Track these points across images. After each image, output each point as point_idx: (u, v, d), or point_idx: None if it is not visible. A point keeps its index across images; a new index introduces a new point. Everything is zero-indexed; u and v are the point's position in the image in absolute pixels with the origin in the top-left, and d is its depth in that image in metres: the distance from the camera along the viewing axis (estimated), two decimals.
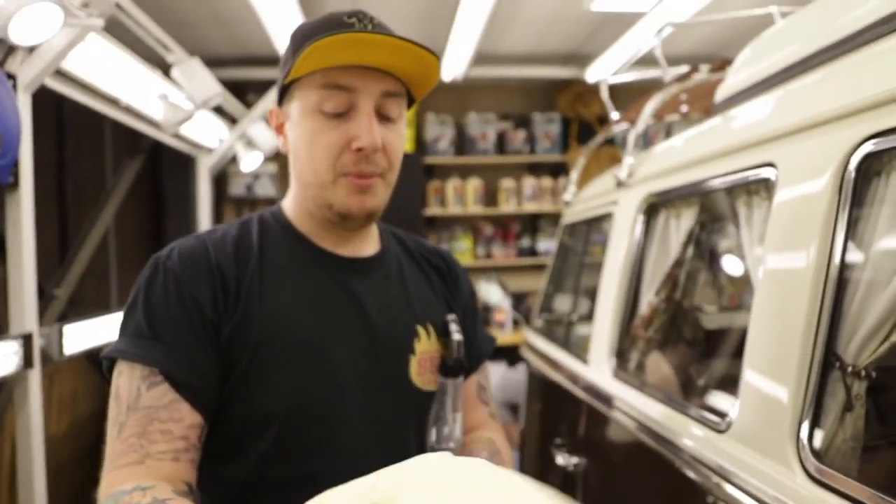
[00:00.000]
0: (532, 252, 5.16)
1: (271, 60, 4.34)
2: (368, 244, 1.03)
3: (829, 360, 0.91)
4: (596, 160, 5.01)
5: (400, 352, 0.98)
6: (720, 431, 1.11)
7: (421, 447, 1.00)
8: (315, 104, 0.90)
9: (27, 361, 2.20)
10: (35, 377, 2.26)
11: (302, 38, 0.90)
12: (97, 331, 2.71)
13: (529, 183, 5.09)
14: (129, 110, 3.07)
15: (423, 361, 1.00)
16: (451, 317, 1.05)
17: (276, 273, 0.94)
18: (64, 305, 3.11)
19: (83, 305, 3.38)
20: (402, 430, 0.98)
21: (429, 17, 3.85)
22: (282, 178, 4.94)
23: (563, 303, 2.60)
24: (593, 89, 5.01)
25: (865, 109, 0.90)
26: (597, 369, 1.77)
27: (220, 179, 4.72)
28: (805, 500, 0.86)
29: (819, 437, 0.90)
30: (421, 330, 1.01)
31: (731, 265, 1.61)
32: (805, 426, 0.90)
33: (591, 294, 2.07)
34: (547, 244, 5.14)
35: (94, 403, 3.32)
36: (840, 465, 0.87)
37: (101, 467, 0.84)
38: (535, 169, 5.21)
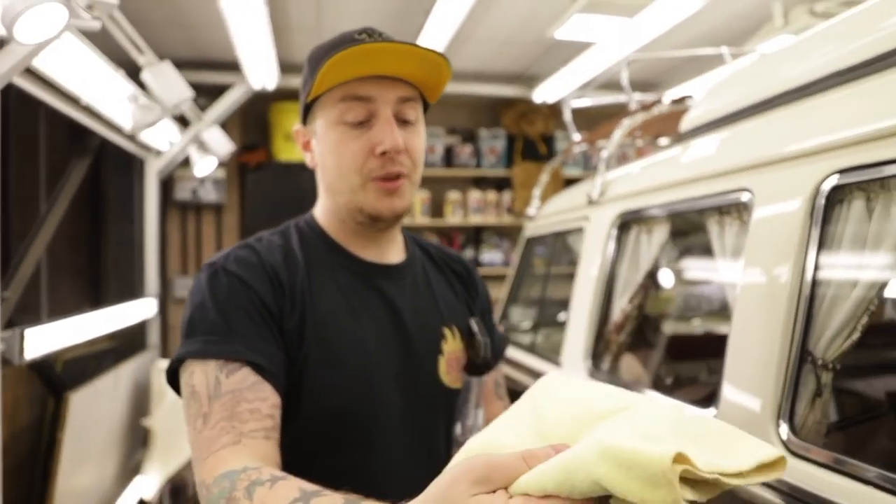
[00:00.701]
0: (476, 263, 5.32)
1: (227, 65, 4.33)
2: (396, 251, 1.10)
3: (803, 357, 1.09)
4: (538, 176, 5.26)
5: (430, 353, 1.06)
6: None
7: (448, 441, 1.08)
8: (337, 117, 0.97)
9: None
10: None
11: (317, 59, 0.97)
12: (59, 335, 2.65)
13: (475, 196, 5.27)
14: (87, 109, 3.03)
15: (450, 361, 1.08)
16: (474, 320, 1.14)
17: (321, 280, 1.00)
18: (12, 309, 3.00)
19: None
20: (433, 425, 1.06)
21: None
22: (228, 184, 4.90)
23: (526, 311, 2.76)
24: (537, 108, 5.26)
25: (833, 148, 1.09)
26: (571, 371, 1.93)
27: (166, 183, 4.63)
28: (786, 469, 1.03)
29: (795, 419, 1.07)
30: (447, 332, 1.09)
31: (699, 276, 1.80)
32: (784, 410, 1.07)
33: (559, 302, 2.23)
34: (490, 255, 5.33)
35: (33, 413, 3.18)
36: (812, 439, 1.05)
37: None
38: (481, 182, 5.40)
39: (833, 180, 1.09)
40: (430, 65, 0.95)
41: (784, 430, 1.07)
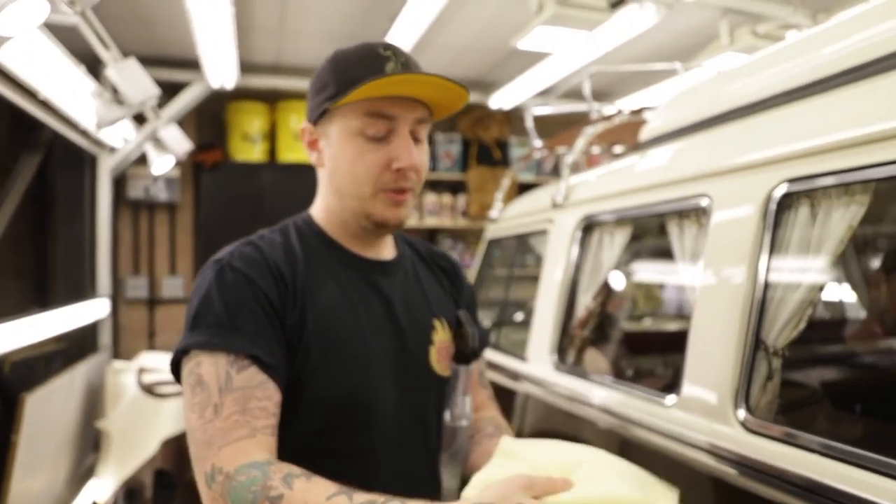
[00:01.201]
0: None
1: (184, 63, 4.29)
2: (388, 249, 1.17)
3: (757, 345, 1.22)
4: (493, 180, 5.40)
5: (422, 343, 1.13)
6: (666, 406, 1.40)
7: (439, 425, 1.16)
8: (358, 128, 1.02)
9: None
10: None
11: (346, 70, 1.03)
12: (11, 335, 2.59)
13: (430, 199, 5.36)
14: (43, 104, 2.97)
15: (440, 351, 1.15)
16: (462, 312, 1.22)
17: (321, 277, 1.06)
18: None
19: None
20: (426, 410, 1.13)
21: (354, 38, 4.02)
22: (182, 183, 4.84)
23: (489, 309, 2.86)
24: (492, 114, 5.39)
25: (783, 160, 1.22)
26: (537, 365, 2.03)
27: (118, 181, 4.54)
28: (742, 444, 1.16)
29: (751, 401, 1.20)
30: (437, 323, 1.16)
31: (660, 276, 1.93)
32: (741, 394, 1.20)
33: (521, 301, 2.33)
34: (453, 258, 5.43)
35: None
36: (765, 417, 1.18)
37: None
38: (436, 186, 5.49)
39: (783, 188, 1.22)
40: (454, 95, 1.03)
41: (741, 412, 1.20)
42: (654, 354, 1.93)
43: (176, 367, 0.98)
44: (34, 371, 3.43)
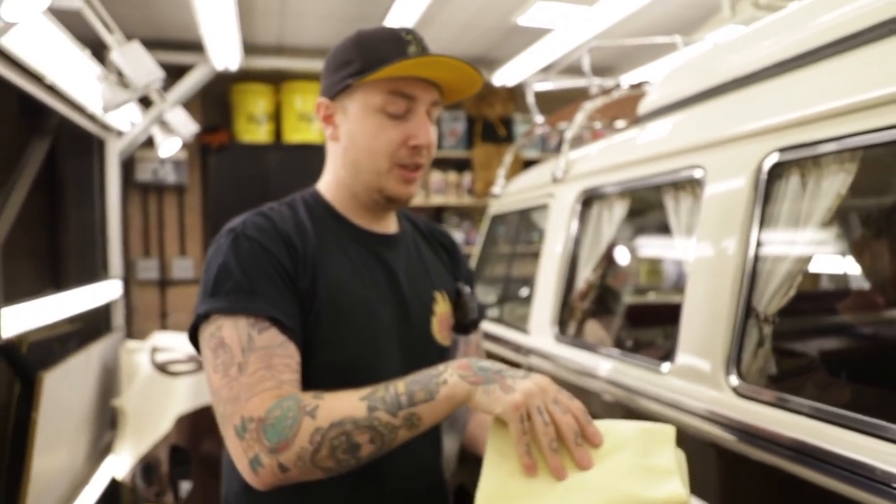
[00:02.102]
0: None
1: (188, 45, 4.31)
2: (392, 224, 1.21)
3: (748, 313, 1.25)
4: (498, 157, 5.40)
5: (424, 313, 1.18)
6: (661, 373, 1.44)
7: None
8: (380, 105, 1.07)
9: None
10: None
11: (371, 50, 1.07)
12: (31, 315, 2.66)
13: (436, 177, 5.38)
14: (50, 88, 3.01)
15: (441, 321, 1.20)
16: (461, 284, 1.27)
17: (329, 248, 1.10)
18: None
19: None
20: None
21: (357, 18, 4.02)
22: (190, 165, 4.89)
23: (492, 284, 2.90)
24: (497, 91, 5.38)
25: (773, 130, 1.24)
26: (539, 337, 2.07)
27: (126, 164, 4.59)
28: (733, 408, 1.19)
29: (742, 367, 1.24)
30: (438, 295, 1.21)
31: (657, 247, 1.96)
32: (733, 360, 1.24)
33: (524, 275, 2.36)
34: (452, 235, 5.46)
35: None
36: (755, 382, 1.21)
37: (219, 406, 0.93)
38: (442, 164, 5.50)
39: (773, 158, 1.24)
40: (469, 79, 1.08)
41: (733, 378, 1.23)
42: (652, 325, 1.96)
43: (194, 334, 1.02)
44: (50, 351, 3.52)
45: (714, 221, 1.35)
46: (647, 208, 1.87)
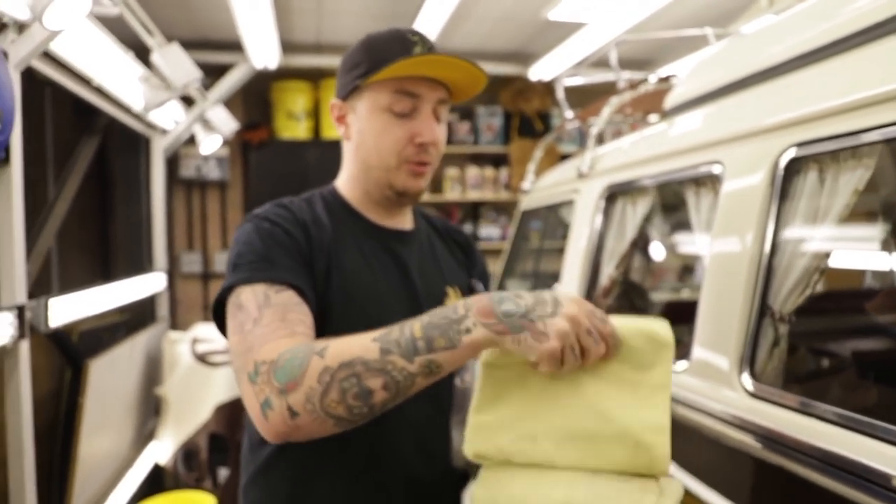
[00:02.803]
0: (474, 238, 5.46)
1: (228, 45, 4.42)
2: (406, 220, 1.25)
3: (763, 311, 1.23)
4: (534, 152, 5.38)
5: (435, 307, 1.20)
6: (677, 371, 1.43)
7: (449, 389, 1.22)
8: (386, 105, 1.11)
9: (21, 332, 2.29)
10: (25, 348, 2.35)
11: (377, 51, 1.10)
12: (77, 306, 2.79)
13: (472, 172, 5.39)
14: (98, 90, 3.14)
15: None
16: (475, 281, 1.29)
17: (344, 242, 1.14)
18: (32, 282, 3.13)
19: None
20: None
21: (391, 15, 4.06)
22: (232, 162, 5.02)
23: (522, 280, 2.90)
24: (533, 86, 5.35)
25: (791, 124, 1.22)
26: None
27: (171, 161, 4.75)
28: (746, 409, 1.18)
29: (756, 367, 1.22)
30: (450, 290, 1.23)
31: (679, 243, 1.94)
32: (746, 359, 1.22)
33: (552, 271, 2.36)
34: (488, 230, 5.47)
35: (52, 383, 3.32)
36: (770, 383, 1.20)
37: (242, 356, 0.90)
38: (478, 159, 5.51)
39: (791, 153, 1.22)
40: (473, 78, 1.11)
41: (746, 378, 1.22)
42: (676, 322, 1.93)
43: (218, 312, 1.03)
44: (100, 340, 3.68)
45: (731, 217, 1.34)
46: (671, 205, 1.85)
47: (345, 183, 1.22)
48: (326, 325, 1.07)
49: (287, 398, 0.84)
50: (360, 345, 0.85)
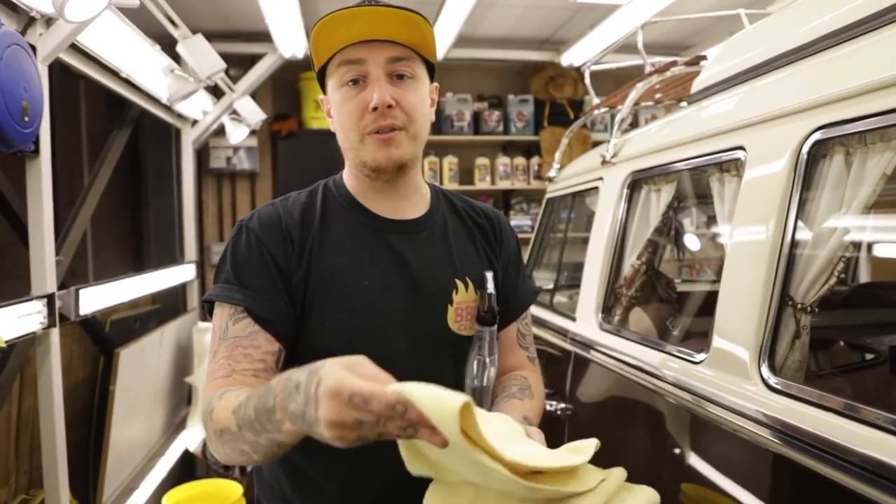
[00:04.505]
0: None
1: (256, 35, 4.44)
2: (417, 206, 1.18)
3: (784, 301, 1.17)
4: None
5: (439, 302, 1.14)
6: (696, 363, 1.38)
7: (458, 385, 1.16)
8: (339, 81, 1.08)
9: (51, 320, 2.34)
10: (55, 336, 2.40)
11: (312, 40, 1.08)
12: (106, 295, 2.84)
13: (503, 161, 5.32)
14: (127, 82, 3.18)
15: (459, 311, 1.15)
16: (488, 273, 1.19)
17: (333, 237, 1.11)
18: (64, 272, 3.21)
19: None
20: (441, 369, 1.13)
21: (419, 1, 4.02)
22: (261, 152, 5.05)
23: (547, 268, 2.85)
24: (565, 72, 5.26)
25: (815, 107, 1.15)
26: (584, 325, 2.03)
27: (201, 152, 4.80)
28: (764, 404, 1.12)
29: (775, 359, 1.16)
30: (460, 283, 1.16)
31: (703, 231, 1.87)
32: (765, 351, 1.16)
33: (576, 259, 2.31)
34: (519, 220, 5.40)
35: (86, 370, 3.40)
36: (791, 377, 1.14)
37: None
38: (509, 148, 5.44)
39: (815, 136, 1.15)
40: (410, 24, 1.05)
41: (765, 370, 1.16)
42: (698, 313, 1.87)
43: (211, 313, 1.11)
44: (130, 329, 3.75)
45: (752, 204, 1.27)
46: (695, 192, 1.78)
47: (345, 173, 1.20)
48: (309, 324, 1.07)
49: (210, 442, 0.94)
50: (226, 416, 0.89)
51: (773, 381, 1.14)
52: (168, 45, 3.20)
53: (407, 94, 1.07)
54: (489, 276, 1.20)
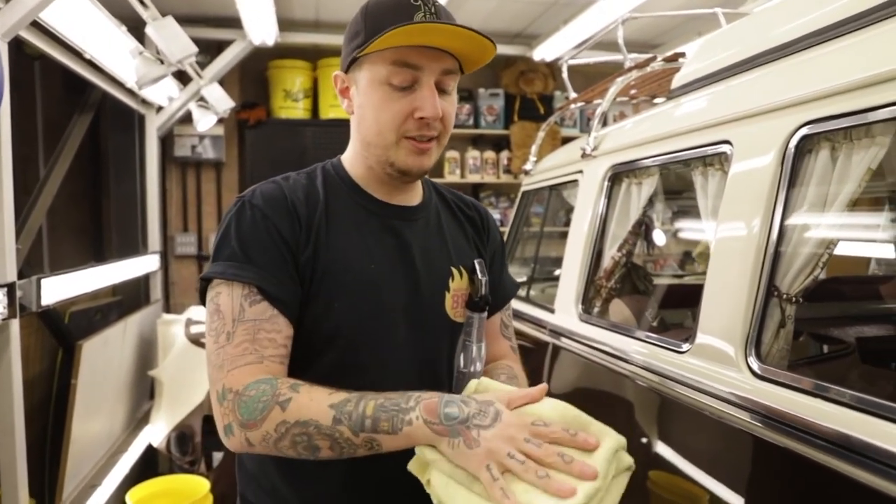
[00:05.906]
0: None
1: (225, 21, 4.34)
2: (414, 195, 1.19)
3: (770, 291, 1.19)
4: (536, 135, 5.32)
5: (438, 288, 1.15)
6: (681, 353, 1.39)
7: (450, 370, 1.17)
8: (385, 77, 1.04)
9: (11, 311, 2.25)
10: (15, 326, 2.31)
11: (375, 19, 1.04)
12: (69, 285, 2.75)
13: (472, 155, 5.33)
14: (90, 63, 3.07)
15: (455, 297, 1.16)
16: (478, 260, 1.21)
17: (338, 218, 1.10)
18: (22, 262, 3.08)
19: None
20: (437, 354, 1.15)
21: None
22: (228, 141, 4.95)
23: (523, 262, 2.86)
24: (536, 67, 5.28)
25: (802, 102, 1.17)
26: (563, 316, 2.04)
27: (165, 140, 4.68)
28: (751, 391, 1.15)
29: (761, 348, 1.18)
30: (455, 271, 1.17)
31: (687, 226, 1.90)
32: (752, 341, 1.18)
33: (553, 251, 2.32)
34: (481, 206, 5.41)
35: (44, 363, 3.27)
36: (776, 364, 1.16)
37: (210, 371, 0.98)
38: (479, 142, 5.45)
39: (801, 132, 1.17)
40: (478, 46, 1.04)
41: (752, 359, 1.18)
42: (679, 305, 1.90)
43: (203, 294, 1.06)
44: (91, 321, 3.63)
45: (738, 197, 1.29)
46: (676, 186, 1.80)
47: (349, 157, 1.17)
48: (315, 306, 1.05)
49: (246, 432, 0.92)
50: (318, 408, 0.90)
51: (758, 368, 1.16)
52: (133, 28, 3.10)
53: (448, 107, 1.07)
54: (480, 262, 1.21)
